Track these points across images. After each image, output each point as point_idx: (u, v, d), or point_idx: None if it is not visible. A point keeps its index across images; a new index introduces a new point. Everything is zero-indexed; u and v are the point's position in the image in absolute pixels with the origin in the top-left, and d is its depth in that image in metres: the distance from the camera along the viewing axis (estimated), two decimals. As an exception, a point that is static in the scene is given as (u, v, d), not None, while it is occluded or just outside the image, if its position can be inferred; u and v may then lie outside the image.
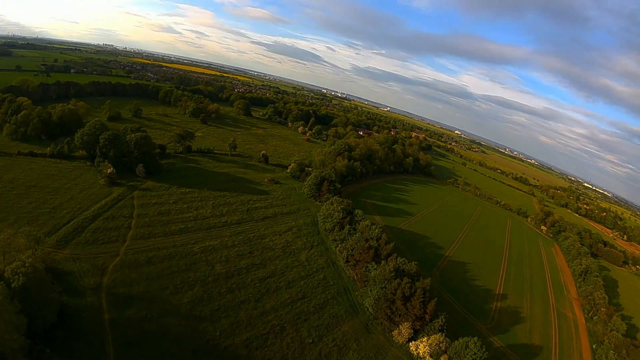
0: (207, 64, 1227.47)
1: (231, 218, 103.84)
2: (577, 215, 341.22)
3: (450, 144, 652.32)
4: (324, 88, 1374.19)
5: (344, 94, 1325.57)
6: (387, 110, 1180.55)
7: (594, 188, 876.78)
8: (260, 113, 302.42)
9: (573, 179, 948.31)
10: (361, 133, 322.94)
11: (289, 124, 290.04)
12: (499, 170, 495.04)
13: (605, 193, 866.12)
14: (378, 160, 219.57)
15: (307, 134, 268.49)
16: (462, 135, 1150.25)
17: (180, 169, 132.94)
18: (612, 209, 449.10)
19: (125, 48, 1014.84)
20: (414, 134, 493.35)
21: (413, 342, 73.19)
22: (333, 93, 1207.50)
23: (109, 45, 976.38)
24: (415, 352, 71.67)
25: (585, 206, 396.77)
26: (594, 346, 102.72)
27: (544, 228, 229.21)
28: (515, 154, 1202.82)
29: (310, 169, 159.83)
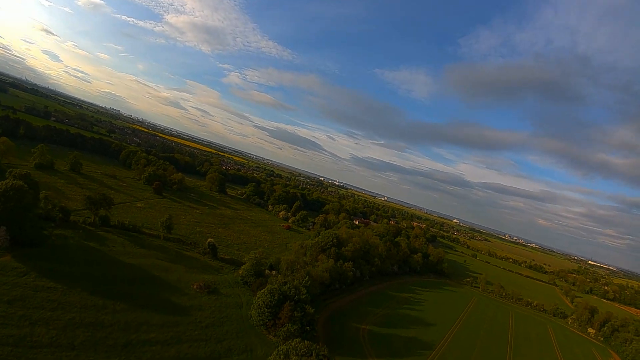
0: (207, 142, 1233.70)
1: (84, 356, 57.46)
2: (605, 300, 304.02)
3: (453, 233, 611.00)
4: (322, 176, 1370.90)
5: (342, 182, 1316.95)
6: (385, 200, 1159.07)
7: (598, 265, 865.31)
8: (239, 192, 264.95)
9: (575, 258, 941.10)
10: (356, 222, 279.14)
11: (270, 206, 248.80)
12: (511, 260, 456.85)
13: (610, 268, 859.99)
14: (378, 259, 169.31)
15: (290, 221, 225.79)
16: (461, 224, 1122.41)
17: (74, 247, 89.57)
18: (629, 284, 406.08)
19: (131, 115, 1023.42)
20: (415, 224, 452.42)
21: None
22: (331, 181, 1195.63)
23: (115, 109, 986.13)
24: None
25: (605, 287, 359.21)
26: None
27: (591, 331, 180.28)
28: (516, 239, 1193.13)
29: (274, 272, 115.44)
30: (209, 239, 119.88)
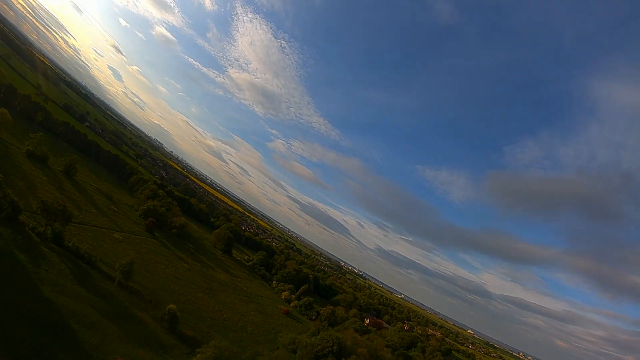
0: (238, 200, 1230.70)
1: None
2: None
3: (469, 346, 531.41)
4: (343, 261, 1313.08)
5: (362, 271, 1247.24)
6: (401, 298, 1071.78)
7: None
8: (247, 257, 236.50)
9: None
10: (367, 322, 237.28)
11: (274, 282, 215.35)
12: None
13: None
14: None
15: (292, 304, 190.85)
16: (475, 335, 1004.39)
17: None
18: None
19: (172, 152, 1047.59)
20: (430, 331, 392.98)
21: None
22: (350, 268, 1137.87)
23: (159, 142, 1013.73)
24: None
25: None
26: None
27: None
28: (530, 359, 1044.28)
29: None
30: (171, 305, 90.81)
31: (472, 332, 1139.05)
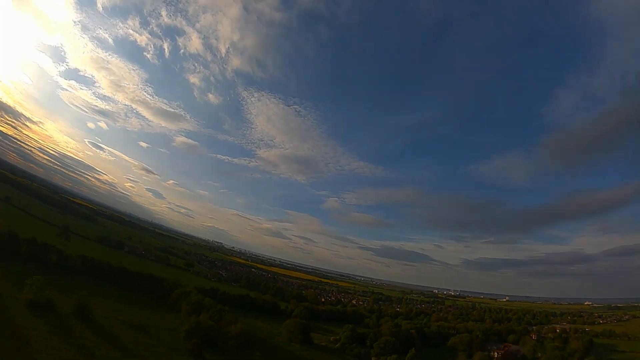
0: (312, 269, 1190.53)
1: None
2: None
3: (599, 321, 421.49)
4: (434, 288, 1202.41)
5: (457, 291, 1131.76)
6: (506, 301, 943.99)
7: None
8: (332, 337, 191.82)
9: None
10: (495, 356, 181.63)
11: (373, 359, 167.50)
12: None
13: None
14: None
15: None
16: (593, 305, 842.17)
17: None
18: None
19: (233, 247, 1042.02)
20: (557, 328, 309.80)
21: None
22: (445, 292, 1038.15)
23: (218, 242, 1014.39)
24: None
25: None
26: None
27: None
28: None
29: None
30: None
31: (590, 303, 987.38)
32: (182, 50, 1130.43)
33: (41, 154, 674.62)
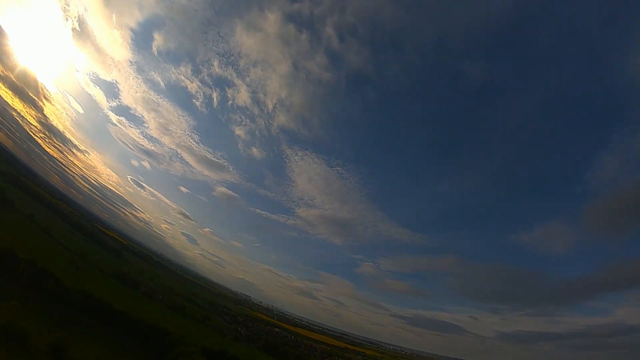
0: (340, 333, 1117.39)
1: None
2: None
3: None
4: None
5: None
6: None
7: None
8: None
9: None
10: None
11: None
12: None
13: None
14: None
15: None
16: None
17: None
18: None
19: (261, 302, 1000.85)
20: None
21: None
22: None
23: (246, 295, 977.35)
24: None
25: None
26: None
27: None
28: None
29: None
30: None
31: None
32: (230, 102, 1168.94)
33: (83, 182, 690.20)
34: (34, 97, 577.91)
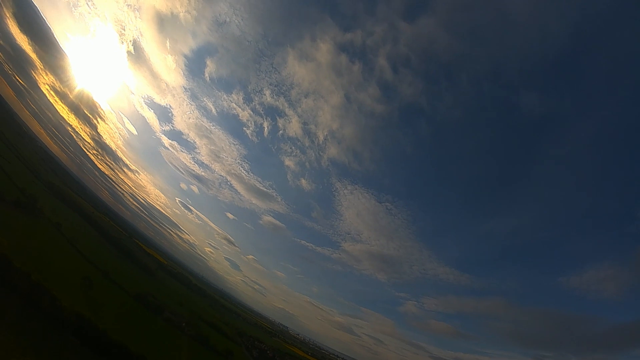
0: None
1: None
2: None
3: None
4: None
5: None
6: None
7: None
8: None
9: None
10: None
11: None
12: None
13: None
14: None
15: None
16: None
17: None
18: None
19: (298, 334, 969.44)
20: None
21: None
22: None
23: (284, 325, 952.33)
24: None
25: None
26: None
27: None
28: None
29: None
30: None
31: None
32: (281, 132, 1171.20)
33: (131, 199, 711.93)
34: (89, 114, 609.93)
